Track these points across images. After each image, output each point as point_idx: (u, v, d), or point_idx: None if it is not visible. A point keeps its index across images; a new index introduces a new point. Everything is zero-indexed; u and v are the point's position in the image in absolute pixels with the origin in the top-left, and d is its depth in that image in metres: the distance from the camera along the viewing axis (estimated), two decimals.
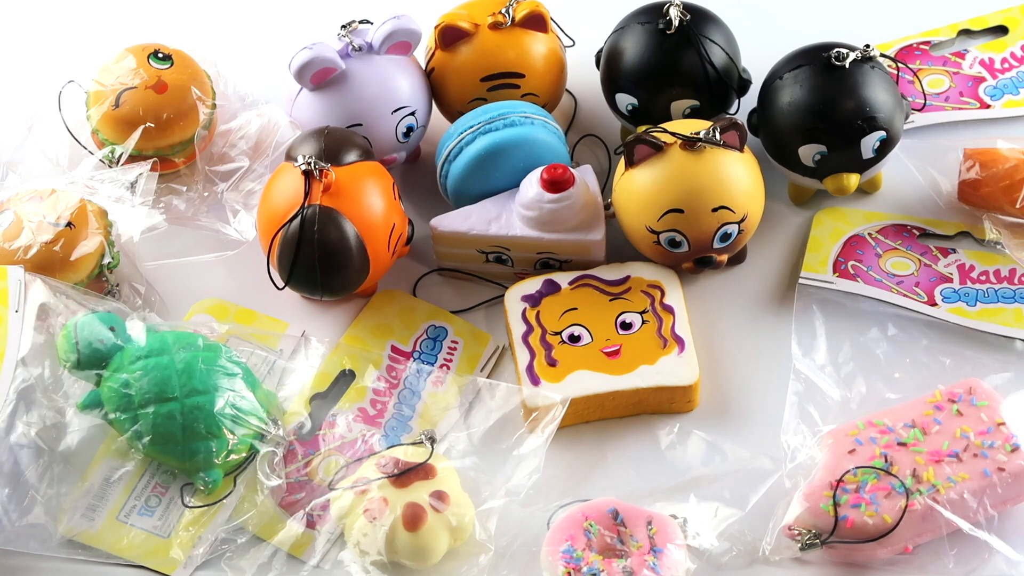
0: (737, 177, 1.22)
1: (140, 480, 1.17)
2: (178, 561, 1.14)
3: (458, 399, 1.21)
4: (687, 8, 1.29)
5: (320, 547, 1.14)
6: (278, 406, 1.19)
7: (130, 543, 1.15)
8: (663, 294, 1.24)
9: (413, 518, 1.11)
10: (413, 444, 1.15)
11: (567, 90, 1.36)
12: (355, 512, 1.12)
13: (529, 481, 1.15)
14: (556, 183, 1.24)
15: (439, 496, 1.12)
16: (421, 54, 1.33)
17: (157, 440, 1.15)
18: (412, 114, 1.29)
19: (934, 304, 1.24)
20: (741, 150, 1.22)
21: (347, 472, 1.16)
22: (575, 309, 1.24)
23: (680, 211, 1.21)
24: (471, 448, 1.17)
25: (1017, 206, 1.26)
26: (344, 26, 1.29)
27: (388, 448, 1.16)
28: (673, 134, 1.21)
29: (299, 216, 1.20)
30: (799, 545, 1.11)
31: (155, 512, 1.16)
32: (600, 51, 1.33)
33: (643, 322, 1.23)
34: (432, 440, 1.15)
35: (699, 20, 1.29)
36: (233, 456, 1.16)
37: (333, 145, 1.22)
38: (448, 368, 1.23)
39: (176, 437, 1.15)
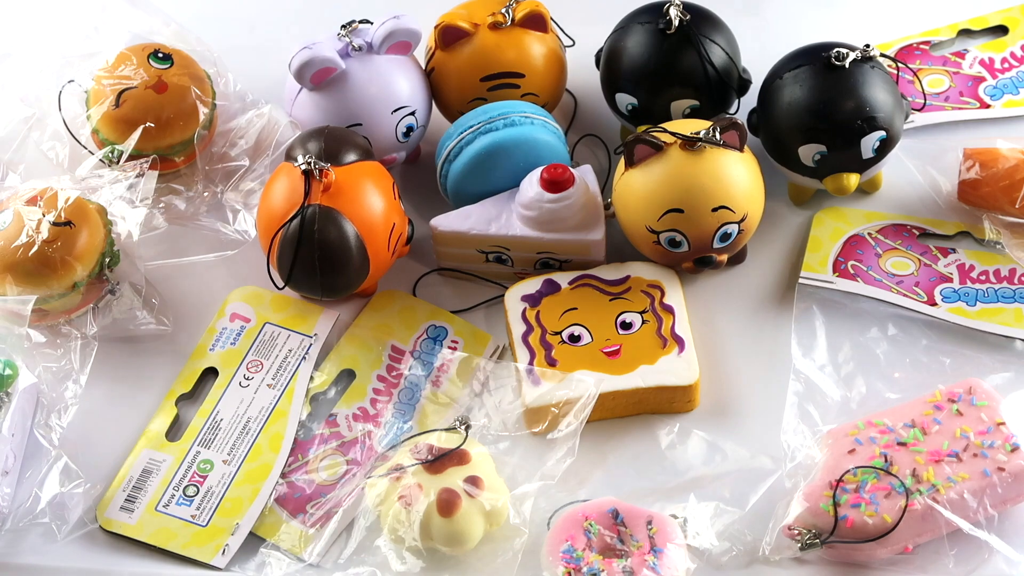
0: (737, 177, 1.22)
1: (178, 470, 1.17)
2: (217, 549, 1.14)
3: (459, 398, 1.21)
4: (687, 8, 1.29)
5: (320, 546, 1.14)
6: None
7: (169, 533, 1.15)
8: (663, 294, 1.24)
9: (447, 504, 1.11)
10: (447, 430, 1.15)
11: (567, 90, 1.36)
12: (390, 499, 1.12)
13: (563, 465, 1.15)
14: (556, 183, 1.24)
15: (473, 481, 1.12)
16: (421, 54, 1.33)
17: None
18: (412, 114, 1.29)
19: (934, 304, 1.24)
20: (741, 150, 1.22)
21: (382, 460, 1.16)
22: (575, 309, 1.23)
23: (680, 211, 1.21)
24: (504, 433, 1.17)
25: (1017, 206, 1.26)
26: (344, 26, 1.29)
27: (421, 434, 1.16)
28: (673, 134, 1.21)
29: (299, 216, 1.20)
30: (799, 545, 1.11)
31: (193, 501, 1.16)
32: (600, 51, 1.33)
33: (643, 322, 1.23)
34: (467, 426, 1.15)
35: (699, 20, 1.29)
36: None
37: (333, 145, 1.22)
38: (448, 369, 1.23)
39: None
